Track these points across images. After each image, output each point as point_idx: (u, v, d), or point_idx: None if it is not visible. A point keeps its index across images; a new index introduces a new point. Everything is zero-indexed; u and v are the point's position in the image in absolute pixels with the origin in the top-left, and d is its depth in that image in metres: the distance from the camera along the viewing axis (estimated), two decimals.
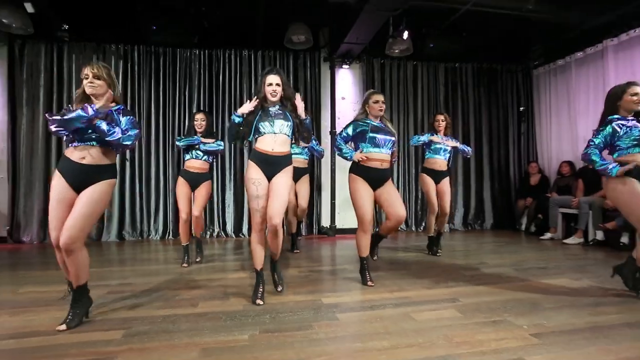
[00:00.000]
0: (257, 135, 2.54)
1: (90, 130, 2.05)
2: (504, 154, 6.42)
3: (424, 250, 4.22)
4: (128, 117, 2.20)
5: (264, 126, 2.49)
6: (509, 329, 2.01)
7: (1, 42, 5.00)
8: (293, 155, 3.96)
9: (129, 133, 2.13)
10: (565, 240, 4.85)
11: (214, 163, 4.73)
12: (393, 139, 2.97)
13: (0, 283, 3.07)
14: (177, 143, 3.65)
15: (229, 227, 5.49)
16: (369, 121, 2.94)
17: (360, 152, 2.91)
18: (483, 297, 2.55)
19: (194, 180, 3.58)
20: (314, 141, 4.22)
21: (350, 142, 3.04)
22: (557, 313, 2.25)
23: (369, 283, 2.87)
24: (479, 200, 6.29)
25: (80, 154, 2.07)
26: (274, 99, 2.51)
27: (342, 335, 1.97)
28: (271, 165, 2.50)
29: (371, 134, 2.88)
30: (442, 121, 4.00)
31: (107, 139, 2.05)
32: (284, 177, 2.53)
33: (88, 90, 2.11)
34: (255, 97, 2.53)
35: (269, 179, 2.52)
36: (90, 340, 1.91)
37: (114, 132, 2.06)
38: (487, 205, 6.30)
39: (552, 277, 3.08)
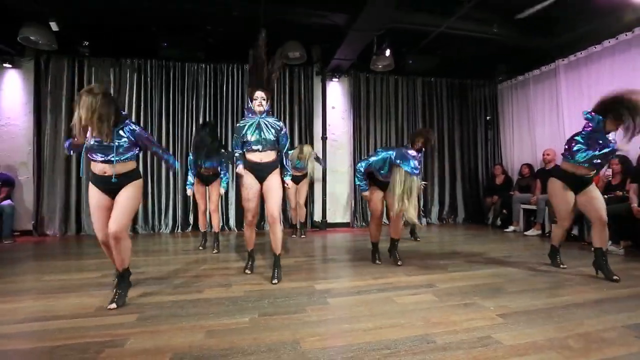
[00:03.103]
0: (247, 147, 2.61)
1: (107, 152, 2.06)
2: (474, 157, 6.47)
3: (406, 241, 4.23)
4: (136, 130, 2.14)
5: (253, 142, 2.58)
6: (478, 310, 2.02)
7: (29, 56, 4.94)
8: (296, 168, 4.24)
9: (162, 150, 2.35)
10: (525, 233, 4.91)
11: None
12: None
13: (26, 272, 3.01)
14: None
15: (232, 221, 5.44)
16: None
17: None
18: (456, 283, 2.56)
19: (206, 181, 3.77)
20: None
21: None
22: (519, 296, 2.27)
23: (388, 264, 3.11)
24: (452, 198, 6.33)
25: (102, 168, 2.08)
26: (260, 109, 2.56)
27: (332, 317, 1.95)
28: (261, 171, 2.59)
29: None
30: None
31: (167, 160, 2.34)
32: (275, 177, 2.62)
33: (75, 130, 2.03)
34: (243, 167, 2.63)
35: (262, 181, 2.59)
36: (107, 323, 1.87)
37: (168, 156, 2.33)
38: (459, 202, 6.35)
39: (515, 265, 3.11)
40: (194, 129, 5.30)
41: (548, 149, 5.07)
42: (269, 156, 2.60)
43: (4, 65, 4.88)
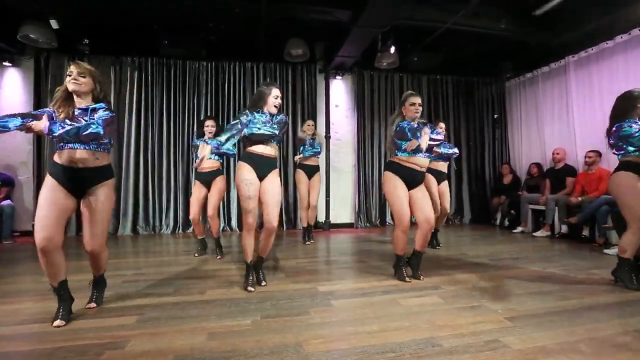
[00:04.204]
0: (252, 138, 2.47)
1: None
2: (480, 156, 6.44)
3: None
4: (105, 113, 1.92)
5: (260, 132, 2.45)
6: (485, 313, 2.01)
7: (29, 55, 4.97)
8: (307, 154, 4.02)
9: (95, 122, 1.85)
10: (534, 234, 4.87)
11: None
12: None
13: (25, 273, 3.03)
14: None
15: (234, 222, 5.45)
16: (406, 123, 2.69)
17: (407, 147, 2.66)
18: (462, 285, 2.55)
19: (207, 180, 3.50)
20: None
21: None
22: (527, 298, 2.25)
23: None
24: (458, 198, 6.29)
25: (68, 157, 1.86)
26: (275, 111, 2.50)
27: (336, 320, 1.95)
28: (264, 165, 2.47)
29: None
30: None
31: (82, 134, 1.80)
32: (275, 178, 2.50)
33: (70, 87, 1.90)
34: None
35: (261, 179, 2.47)
36: (107, 325, 1.87)
37: (80, 127, 1.80)
38: (465, 202, 6.32)
39: (523, 267, 3.09)
40: (195, 127, 5.31)
41: (558, 148, 5.03)
42: (272, 150, 2.52)
43: (4, 63, 4.92)
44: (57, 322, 1.87)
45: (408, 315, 1.99)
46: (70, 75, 1.90)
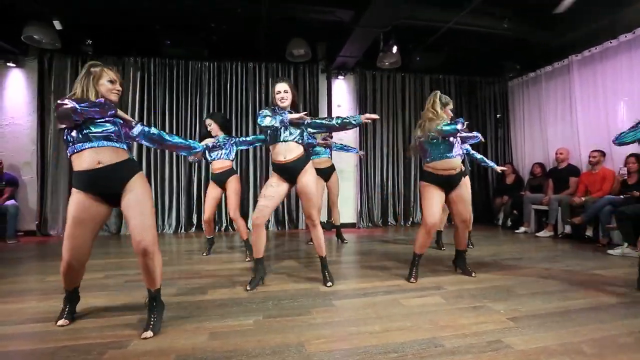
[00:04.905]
0: (272, 143, 2.48)
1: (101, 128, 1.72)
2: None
3: (412, 243, 4.20)
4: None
5: (277, 135, 2.43)
6: (488, 313, 2.00)
7: (32, 56, 5.01)
8: (318, 157, 3.95)
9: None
10: (537, 234, 4.85)
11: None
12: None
13: (29, 272, 3.05)
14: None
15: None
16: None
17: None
18: (465, 285, 2.54)
19: (220, 180, 3.46)
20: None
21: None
22: (530, 299, 2.24)
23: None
24: None
25: (90, 157, 1.71)
26: (283, 105, 2.46)
27: (337, 320, 1.95)
28: (288, 172, 2.47)
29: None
30: None
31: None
32: (308, 176, 2.47)
33: (114, 98, 1.83)
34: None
35: (292, 183, 2.50)
36: (109, 324, 1.88)
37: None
38: None
39: (526, 267, 3.08)
40: (197, 127, 5.33)
41: (561, 147, 5.01)
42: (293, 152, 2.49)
43: (8, 64, 4.95)
44: (61, 322, 1.87)
45: (410, 315, 1.99)
46: (112, 83, 1.83)
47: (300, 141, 2.46)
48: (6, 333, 1.80)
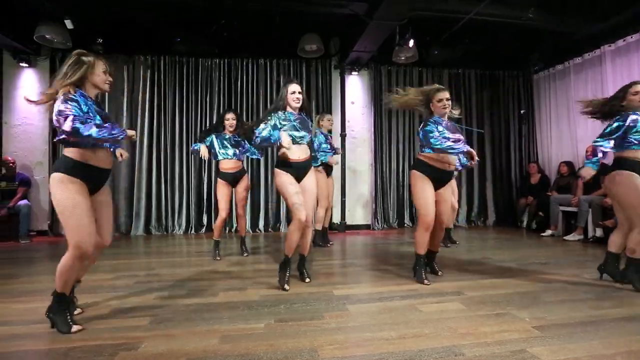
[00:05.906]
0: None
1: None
2: (506, 154, 6.28)
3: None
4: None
5: (292, 137, 2.53)
6: (511, 321, 1.96)
7: (44, 55, 5.19)
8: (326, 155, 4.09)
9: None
10: (565, 237, 4.72)
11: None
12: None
13: (40, 272, 3.15)
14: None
15: (247, 223, 5.51)
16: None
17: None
18: (486, 291, 2.49)
19: (233, 180, 3.54)
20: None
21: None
22: (558, 306, 2.18)
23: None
24: (481, 199, 6.17)
25: (102, 158, 1.90)
26: (298, 105, 2.57)
27: (352, 325, 1.94)
28: (300, 170, 2.59)
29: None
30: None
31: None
32: (312, 177, 2.65)
33: (107, 88, 1.92)
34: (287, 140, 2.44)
35: (298, 182, 2.60)
36: (120, 326, 1.93)
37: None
38: (489, 203, 6.17)
39: (553, 272, 2.99)
40: (207, 125, 5.39)
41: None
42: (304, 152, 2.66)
43: (21, 64, 5.13)
44: (76, 328, 1.85)
45: (428, 321, 1.96)
46: (106, 74, 1.89)
47: (307, 144, 2.66)
48: (19, 333, 1.86)
